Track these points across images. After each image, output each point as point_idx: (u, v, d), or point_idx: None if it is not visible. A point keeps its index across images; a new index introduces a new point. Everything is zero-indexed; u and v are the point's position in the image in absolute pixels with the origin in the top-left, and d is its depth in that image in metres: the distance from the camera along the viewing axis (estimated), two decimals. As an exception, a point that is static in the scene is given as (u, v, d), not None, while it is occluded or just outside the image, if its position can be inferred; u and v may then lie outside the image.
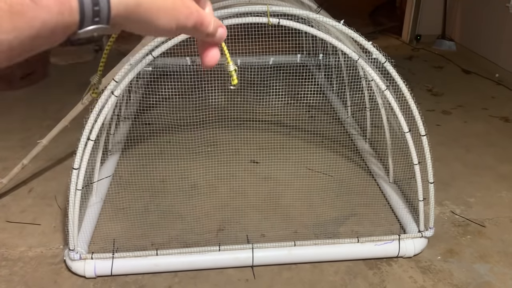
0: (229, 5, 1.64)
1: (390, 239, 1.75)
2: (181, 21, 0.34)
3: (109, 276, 1.65)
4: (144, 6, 0.31)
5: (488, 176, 2.34)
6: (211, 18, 0.37)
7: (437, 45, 4.64)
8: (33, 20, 0.27)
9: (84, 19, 0.29)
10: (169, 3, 0.32)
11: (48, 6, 0.27)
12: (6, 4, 0.26)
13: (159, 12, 0.32)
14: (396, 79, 1.56)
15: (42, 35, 0.28)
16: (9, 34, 0.26)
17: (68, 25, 0.29)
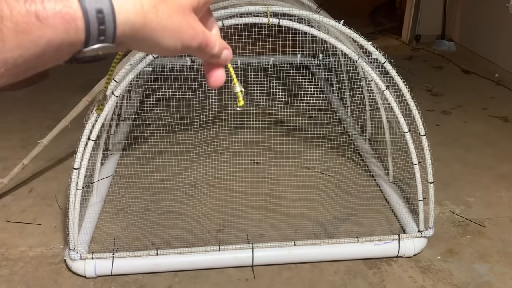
0: (229, 5, 1.64)
1: (390, 239, 1.75)
2: (186, 41, 0.34)
3: (110, 276, 1.65)
4: (150, 26, 0.31)
5: (488, 176, 2.35)
6: (217, 40, 0.37)
7: (437, 45, 4.64)
8: (38, 39, 0.27)
9: (90, 37, 0.29)
10: (175, 24, 0.32)
11: (54, 25, 0.27)
12: (11, 23, 0.26)
13: (164, 32, 0.32)
14: (396, 79, 1.57)
15: (47, 53, 0.28)
16: (14, 52, 0.27)
17: (74, 43, 0.29)
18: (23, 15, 0.26)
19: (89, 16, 0.28)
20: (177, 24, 0.32)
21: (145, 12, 0.30)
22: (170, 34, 0.32)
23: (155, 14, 0.31)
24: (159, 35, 0.32)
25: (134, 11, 0.30)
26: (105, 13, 0.29)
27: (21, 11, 0.26)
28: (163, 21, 0.31)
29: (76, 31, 0.28)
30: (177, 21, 0.32)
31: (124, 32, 0.30)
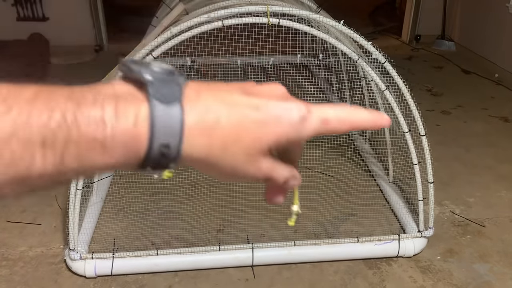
0: (229, 5, 1.64)
1: (390, 239, 1.75)
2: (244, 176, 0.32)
3: (110, 276, 1.65)
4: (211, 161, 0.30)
5: (488, 176, 2.35)
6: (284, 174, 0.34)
7: (437, 45, 4.64)
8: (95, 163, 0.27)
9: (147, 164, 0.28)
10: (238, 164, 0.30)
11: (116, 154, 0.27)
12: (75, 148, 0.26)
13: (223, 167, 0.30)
14: (396, 79, 1.57)
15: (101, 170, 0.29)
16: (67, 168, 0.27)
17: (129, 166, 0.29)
18: (89, 141, 0.26)
19: (153, 149, 0.28)
20: (241, 164, 0.30)
21: (212, 152, 0.29)
22: (229, 170, 0.31)
23: (221, 155, 0.29)
24: (218, 169, 0.30)
25: (201, 151, 0.29)
26: (171, 148, 0.28)
27: (88, 137, 0.26)
28: (227, 160, 0.30)
29: (135, 159, 0.28)
30: (242, 162, 0.30)
31: (182, 162, 0.29)
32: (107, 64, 2.36)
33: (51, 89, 0.27)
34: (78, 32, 4.29)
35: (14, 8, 4.13)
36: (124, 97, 0.28)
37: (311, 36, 2.03)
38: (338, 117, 0.32)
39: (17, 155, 0.25)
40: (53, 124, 0.26)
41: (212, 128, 0.28)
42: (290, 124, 0.30)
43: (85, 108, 0.26)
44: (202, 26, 1.44)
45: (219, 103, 0.29)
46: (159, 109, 0.27)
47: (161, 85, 0.28)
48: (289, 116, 0.30)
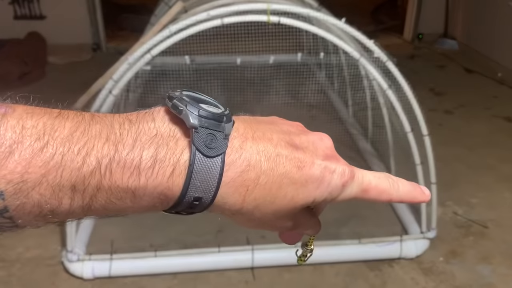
0: (229, 3, 1.62)
1: (392, 240, 1.74)
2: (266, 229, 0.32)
3: (107, 278, 1.63)
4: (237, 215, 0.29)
5: (491, 177, 2.32)
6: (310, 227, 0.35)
7: (439, 44, 4.61)
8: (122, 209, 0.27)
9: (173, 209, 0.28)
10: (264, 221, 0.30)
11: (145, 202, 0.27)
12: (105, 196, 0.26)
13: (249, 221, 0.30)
14: (398, 78, 1.55)
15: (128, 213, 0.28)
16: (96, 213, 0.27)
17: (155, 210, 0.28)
18: (120, 191, 0.26)
19: (183, 202, 0.27)
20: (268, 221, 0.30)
21: (243, 208, 0.28)
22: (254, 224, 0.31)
23: (252, 211, 0.29)
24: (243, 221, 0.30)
25: (233, 206, 0.28)
26: (203, 201, 0.27)
27: (120, 187, 0.26)
28: (256, 215, 0.29)
29: (162, 206, 0.27)
30: (270, 219, 0.30)
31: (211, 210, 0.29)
32: (105, 63, 2.34)
33: (89, 124, 0.26)
34: (76, 31, 4.27)
35: (11, 7, 4.12)
36: (166, 141, 0.26)
37: (312, 34, 2.01)
38: (378, 188, 0.32)
39: (45, 198, 0.25)
40: (87, 169, 0.25)
41: (249, 186, 0.28)
42: (329, 188, 0.30)
43: (122, 155, 0.25)
44: (201, 24, 1.42)
45: (262, 157, 0.28)
46: (200, 162, 0.26)
47: (207, 134, 0.26)
48: (331, 180, 0.29)
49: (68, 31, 4.24)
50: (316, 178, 0.29)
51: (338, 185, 0.30)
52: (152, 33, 1.89)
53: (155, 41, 1.45)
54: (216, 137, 0.27)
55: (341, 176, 0.30)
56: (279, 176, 0.28)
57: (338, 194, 0.30)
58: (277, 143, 0.29)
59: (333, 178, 0.30)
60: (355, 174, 0.31)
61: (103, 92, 1.47)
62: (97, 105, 1.48)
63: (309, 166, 0.29)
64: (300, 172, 0.28)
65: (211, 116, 0.27)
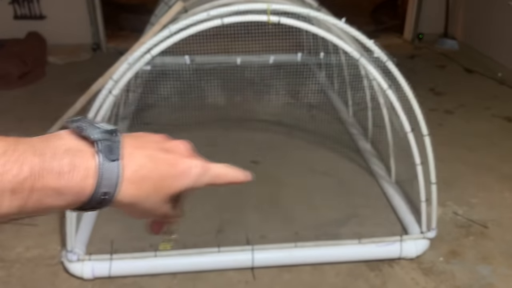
0: (229, 3, 1.62)
1: (392, 240, 1.74)
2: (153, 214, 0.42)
3: (107, 278, 1.63)
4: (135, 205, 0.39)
5: (491, 177, 2.32)
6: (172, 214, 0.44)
7: (439, 44, 4.61)
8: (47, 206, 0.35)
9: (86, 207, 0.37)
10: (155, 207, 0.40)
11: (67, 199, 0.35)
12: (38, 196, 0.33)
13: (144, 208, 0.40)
14: (398, 78, 1.55)
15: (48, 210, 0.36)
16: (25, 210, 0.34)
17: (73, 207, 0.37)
18: (49, 190, 0.34)
19: (94, 197, 0.36)
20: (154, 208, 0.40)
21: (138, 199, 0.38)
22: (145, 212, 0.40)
23: (144, 201, 0.38)
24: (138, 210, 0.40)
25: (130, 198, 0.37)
26: (109, 195, 0.36)
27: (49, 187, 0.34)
28: (147, 204, 0.39)
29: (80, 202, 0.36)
30: (156, 206, 0.40)
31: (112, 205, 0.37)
32: (105, 63, 2.34)
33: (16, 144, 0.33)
34: (76, 31, 4.27)
35: (11, 7, 4.12)
36: (76, 152, 0.35)
37: (312, 34, 2.01)
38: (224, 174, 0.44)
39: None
40: (23, 176, 0.32)
41: (141, 181, 0.38)
42: (193, 178, 0.41)
43: (47, 163, 0.34)
44: (201, 24, 1.42)
45: (147, 160, 0.38)
46: (104, 165, 0.35)
47: (106, 144, 0.36)
48: (194, 172, 0.41)
49: (68, 31, 4.24)
50: (184, 171, 0.40)
51: (198, 175, 0.41)
52: (152, 33, 1.89)
53: (155, 41, 1.45)
54: (113, 146, 0.36)
55: (200, 168, 0.41)
56: (160, 172, 0.38)
57: (198, 182, 0.41)
58: (154, 149, 0.40)
59: (196, 170, 0.41)
60: (209, 166, 0.42)
61: (103, 92, 1.47)
62: (97, 105, 1.48)
63: (179, 163, 0.40)
64: (174, 168, 0.39)
65: (108, 131, 0.37)
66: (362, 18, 5.36)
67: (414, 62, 4.21)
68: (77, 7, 4.22)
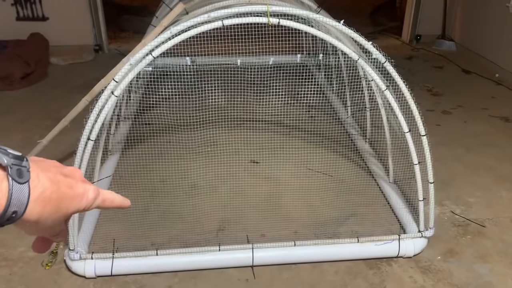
0: (229, 5, 1.64)
1: (390, 239, 1.75)
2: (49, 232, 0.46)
3: (109, 276, 1.64)
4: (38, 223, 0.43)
5: (488, 176, 2.34)
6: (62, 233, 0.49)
7: (437, 45, 4.64)
8: None
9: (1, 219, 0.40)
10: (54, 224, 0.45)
11: None
12: None
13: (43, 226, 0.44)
14: (396, 79, 1.56)
15: None
16: None
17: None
18: None
19: (4, 216, 0.39)
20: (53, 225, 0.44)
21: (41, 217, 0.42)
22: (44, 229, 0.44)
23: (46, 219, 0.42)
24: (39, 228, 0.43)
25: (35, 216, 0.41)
26: (18, 214, 0.40)
27: None
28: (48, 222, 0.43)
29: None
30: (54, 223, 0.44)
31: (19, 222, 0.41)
32: (107, 64, 2.36)
33: None
34: (78, 32, 4.29)
35: (13, 8, 4.13)
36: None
37: (311, 36, 2.03)
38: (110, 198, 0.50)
39: None
40: None
41: (45, 201, 0.42)
42: (88, 201, 0.46)
43: None
44: (202, 26, 1.44)
45: (51, 183, 0.42)
46: (15, 188, 0.39)
47: (17, 169, 0.40)
48: (87, 195, 0.46)
49: (70, 32, 4.26)
50: (80, 194, 0.45)
51: (91, 198, 0.46)
52: (153, 35, 1.91)
53: (156, 43, 1.46)
54: (22, 170, 0.40)
55: (92, 192, 0.47)
56: (61, 194, 0.43)
57: (91, 204, 0.47)
58: (55, 173, 0.44)
59: (89, 194, 0.46)
60: (100, 191, 0.48)
61: (105, 93, 1.49)
62: (99, 106, 1.49)
63: (75, 187, 0.45)
64: (72, 191, 0.44)
65: (17, 157, 0.40)
66: (361, 19, 5.39)
67: (412, 63, 4.23)
68: (79, 9, 4.23)
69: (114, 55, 4.26)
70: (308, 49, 3.39)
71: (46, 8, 4.18)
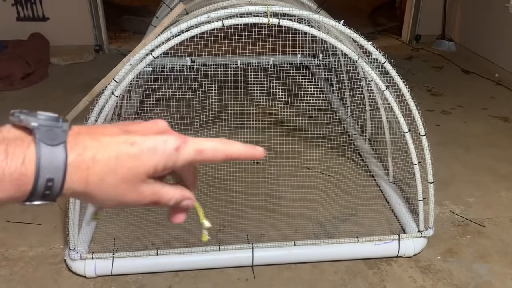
0: (229, 5, 1.64)
1: (390, 239, 1.75)
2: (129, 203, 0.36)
3: (110, 276, 1.65)
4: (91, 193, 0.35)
5: (488, 176, 2.35)
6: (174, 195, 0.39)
7: (437, 45, 4.64)
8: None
9: (33, 197, 0.33)
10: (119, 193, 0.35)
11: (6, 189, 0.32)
12: None
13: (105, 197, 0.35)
14: (396, 79, 1.57)
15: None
16: None
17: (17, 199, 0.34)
18: None
19: (38, 184, 0.32)
20: (121, 193, 0.35)
21: (89, 185, 0.34)
22: (110, 199, 0.35)
23: (99, 186, 0.34)
24: (99, 198, 0.35)
25: (80, 184, 0.34)
26: (55, 182, 0.33)
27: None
28: (106, 191, 0.35)
29: (24, 193, 0.33)
30: (122, 190, 0.35)
31: (66, 195, 0.34)
32: (107, 64, 2.36)
33: None
34: (78, 32, 4.29)
35: (14, 8, 4.13)
36: (13, 140, 0.32)
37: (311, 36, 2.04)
38: (213, 148, 0.38)
39: None
40: None
41: (89, 164, 0.33)
42: (165, 154, 0.36)
43: None
44: (202, 26, 1.44)
45: (96, 143, 0.34)
46: (45, 150, 0.32)
47: (47, 130, 0.33)
48: (164, 147, 0.36)
49: (70, 32, 4.26)
50: (149, 148, 0.35)
51: (172, 150, 0.36)
52: (153, 35, 1.91)
53: (156, 43, 1.47)
54: (55, 131, 0.33)
55: (173, 143, 0.36)
56: (113, 153, 0.34)
57: (176, 158, 0.36)
58: (112, 132, 0.35)
59: (166, 145, 0.36)
60: (188, 139, 0.37)
61: (106, 93, 1.49)
62: (100, 106, 1.49)
63: (141, 141, 0.35)
64: (133, 147, 0.35)
65: (48, 118, 0.34)
66: (361, 20, 5.39)
67: (411, 63, 4.24)
68: (80, 9, 4.24)
69: (114, 55, 4.26)
70: (308, 49, 3.40)
71: (47, 8, 4.18)
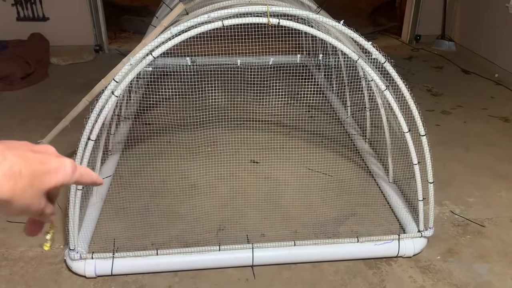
0: (229, 6, 1.64)
1: (390, 239, 1.76)
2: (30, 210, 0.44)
3: (110, 276, 1.65)
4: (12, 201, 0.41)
5: (488, 176, 2.35)
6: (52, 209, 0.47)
7: (437, 45, 4.64)
8: None
9: None
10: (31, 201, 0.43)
11: None
12: None
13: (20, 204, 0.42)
14: (396, 79, 1.57)
15: None
16: None
17: None
18: None
19: None
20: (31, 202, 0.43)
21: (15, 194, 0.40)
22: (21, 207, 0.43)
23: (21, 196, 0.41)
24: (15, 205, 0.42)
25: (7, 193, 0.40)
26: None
27: None
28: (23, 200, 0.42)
29: None
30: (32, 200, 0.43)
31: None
32: (107, 64, 2.36)
33: None
34: (78, 32, 4.29)
35: (14, 8, 4.13)
36: None
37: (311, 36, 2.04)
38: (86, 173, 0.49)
39: None
40: None
41: (16, 177, 0.40)
42: (66, 175, 0.45)
43: None
44: (202, 26, 1.44)
45: (18, 159, 0.41)
46: None
47: None
48: (65, 169, 0.45)
49: (70, 32, 4.26)
50: (56, 168, 0.44)
51: (69, 172, 0.45)
52: (153, 35, 1.91)
53: (156, 43, 1.47)
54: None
55: (70, 166, 0.46)
56: (32, 169, 0.42)
57: (70, 179, 0.46)
58: (24, 150, 0.43)
59: (66, 168, 0.45)
60: (76, 165, 0.47)
61: (106, 93, 1.49)
62: (100, 106, 1.50)
63: (49, 161, 0.44)
64: (44, 165, 0.43)
65: None
66: (361, 20, 5.39)
67: (411, 63, 4.24)
68: (80, 9, 4.24)
69: (114, 55, 4.27)
70: (308, 49, 3.40)
71: (47, 8, 4.18)
